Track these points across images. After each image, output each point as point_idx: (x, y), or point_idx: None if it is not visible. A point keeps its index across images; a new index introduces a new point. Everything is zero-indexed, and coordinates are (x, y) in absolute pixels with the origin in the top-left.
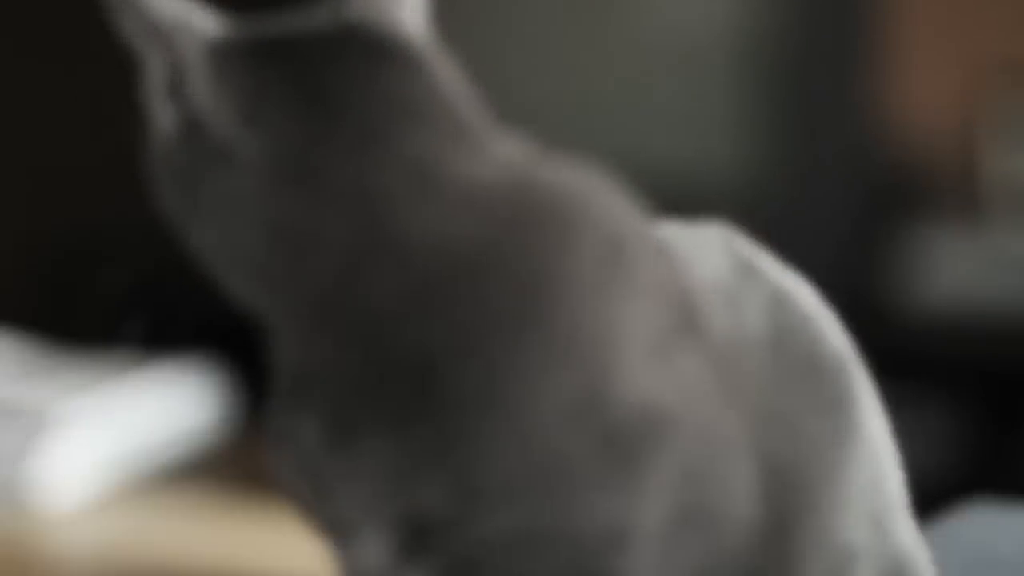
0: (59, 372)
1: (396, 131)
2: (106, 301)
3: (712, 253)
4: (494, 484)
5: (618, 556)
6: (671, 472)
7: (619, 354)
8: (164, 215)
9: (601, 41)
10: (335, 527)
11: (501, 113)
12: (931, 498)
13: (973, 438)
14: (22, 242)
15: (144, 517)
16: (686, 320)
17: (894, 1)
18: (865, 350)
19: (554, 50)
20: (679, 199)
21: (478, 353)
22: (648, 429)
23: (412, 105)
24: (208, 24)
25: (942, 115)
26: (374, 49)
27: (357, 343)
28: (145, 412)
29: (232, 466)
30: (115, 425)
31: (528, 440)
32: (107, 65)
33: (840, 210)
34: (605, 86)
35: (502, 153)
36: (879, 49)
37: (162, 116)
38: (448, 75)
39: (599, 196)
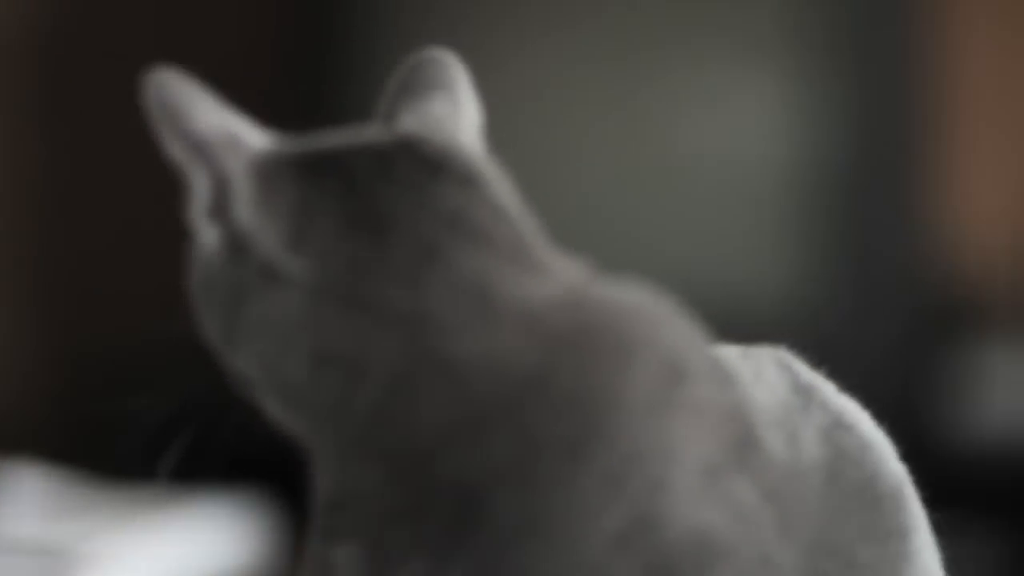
0: (90, 507)
1: (450, 250)
2: (141, 430)
3: (770, 377)
4: None
5: None
6: None
7: (673, 479)
8: (204, 339)
9: (658, 163)
10: None
11: (556, 234)
12: None
13: None
14: (53, 369)
15: None
16: (742, 445)
17: (948, 119)
18: (917, 476)
19: (610, 169)
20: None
21: (527, 482)
22: (700, 559)
23: (467, 223)
24: (254, 139)
25: (997, 233)
26: (428, 164)
27: (402, 470)
28: (181, 550)
29: None
30: (148, 565)
31: (574, 571)
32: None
33: (895, 331)
34: (660, 207)
35: (559, 271)
36: (933, 167)
37: (205, 236)
38: (505, 192)
39: (656, 316)
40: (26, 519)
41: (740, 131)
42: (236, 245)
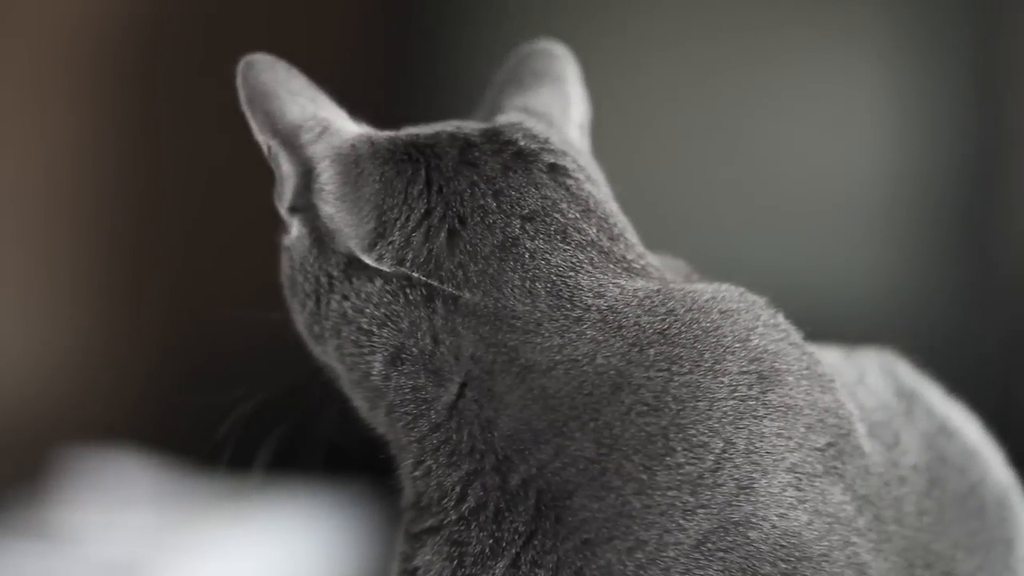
0: (186, 496)
1: (530, 245)
2: (237, 422)
3: (873, 380)
4: None
5: None
6: None
7: (761, 482)
8: (295, 332)
9: (766, 168)
10: None
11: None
12: None
13: None
14: (152, 358)
15: None
16: (838, 449)
17: None
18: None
19: (708, 177)
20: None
21: (607, 483)
22: (786, 562)
23: (552, 217)
24: (345, 126)
25: None
26: (516, 157)
27: (481, 471)
28: (275, 541)
29: None
30: (242, 555)
31: (656, 573)
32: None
33: (1002, 334)
34: (769, 212)
35: (650, 269)
36: None
37: (291, 226)
38: (598, 189)
39: (748, 315)
40: (123, 506)
41: (849, 135)
42: (319, 237)
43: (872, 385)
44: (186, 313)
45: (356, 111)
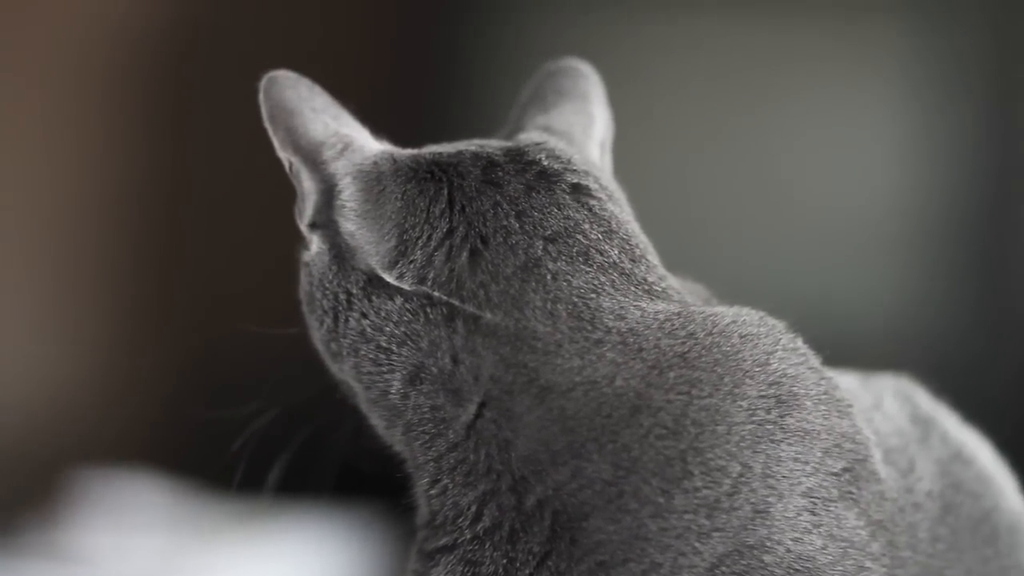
0: (200, 517)
1: (551, 266)
2: (250, 439)
3: (889, 406)
4: None
5: None
6: None
7: (777, 506)
8: (313, 349)
9: (784, 199)
10: None
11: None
12: None
13: None
14: (166, 378)
15: None
16: (854, 474)
17: None
18: None
19: (722, 199)
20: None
21: (624, 505)
22: None
23: (574, 238)
24: (367, 144)
25: None
26: (538, 177)
27: (497, 491)
28: (288, 562)
29: None
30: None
31: None
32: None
33: (1019, 362)
34: (786, 241)
35: (670, 292)
36: None
37: (312, 243)
38: (621, 210)
39: (767, 340)
40: (136, 528)
41: (864, 159)
42: (339, 254)
43: (888, 411)
44: (199, 334)
45: (379, 128)
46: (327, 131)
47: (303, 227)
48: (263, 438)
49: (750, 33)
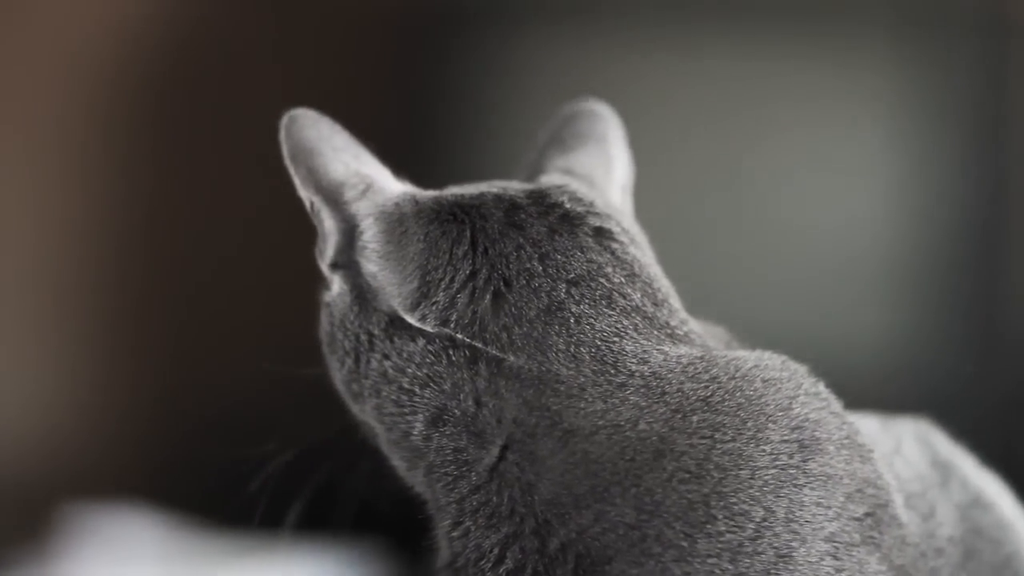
0: (205, 554)
1: (575, 309)
2: (263, 480)
3: (909, 450)
4: None
5: None
6: None
7: (800, 546)
8: (331, 388)
9: (774, 228)
10: None
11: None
12: None
13: None
14: (178, 415)
15: None
16: (876, 520)
17: None
18: None
19: (713, 240)
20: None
21: (647, 549)
22: None
23: (596, 282)
24: (389, 184)
25: None
26: (561, 220)
27: (519, 534)
28: None
29: None
30: None
31: None
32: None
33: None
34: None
35: (692, 336)
36: None
37: (333, 283)
38: (643, 252)
39: (790, 384)
40: (129, 563)
41: (854, 197)
42: (361, 295)
43: (908, 455)
44: (193, 368)
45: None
46: (348, 171)
47: (324, 267)
48: (278, 477)
49: (744, 72)
